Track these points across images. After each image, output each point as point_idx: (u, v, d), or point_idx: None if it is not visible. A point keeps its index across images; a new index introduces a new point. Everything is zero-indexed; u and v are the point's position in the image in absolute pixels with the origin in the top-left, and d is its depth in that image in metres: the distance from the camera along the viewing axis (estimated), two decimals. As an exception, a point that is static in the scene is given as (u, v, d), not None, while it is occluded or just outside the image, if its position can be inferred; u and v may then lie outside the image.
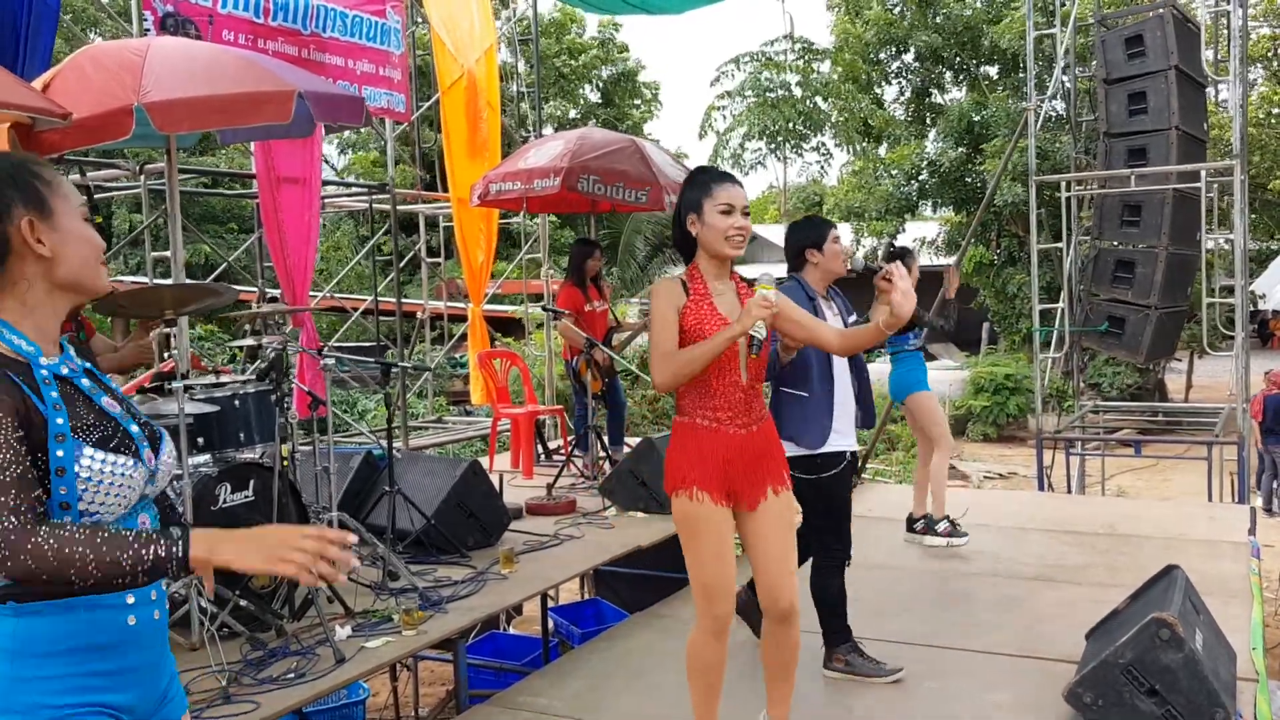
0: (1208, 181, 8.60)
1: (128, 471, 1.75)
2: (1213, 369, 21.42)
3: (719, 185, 3.16)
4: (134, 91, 4.47)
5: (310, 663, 3.77)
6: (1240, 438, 8.15)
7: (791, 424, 4.07)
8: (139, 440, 1.81)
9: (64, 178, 1.84)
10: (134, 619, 1.76)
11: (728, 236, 3.14)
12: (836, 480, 4.14)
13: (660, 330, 3.11)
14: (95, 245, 1.81)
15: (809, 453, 4.07)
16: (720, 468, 3.14)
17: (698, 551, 3.15)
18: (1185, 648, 3.52)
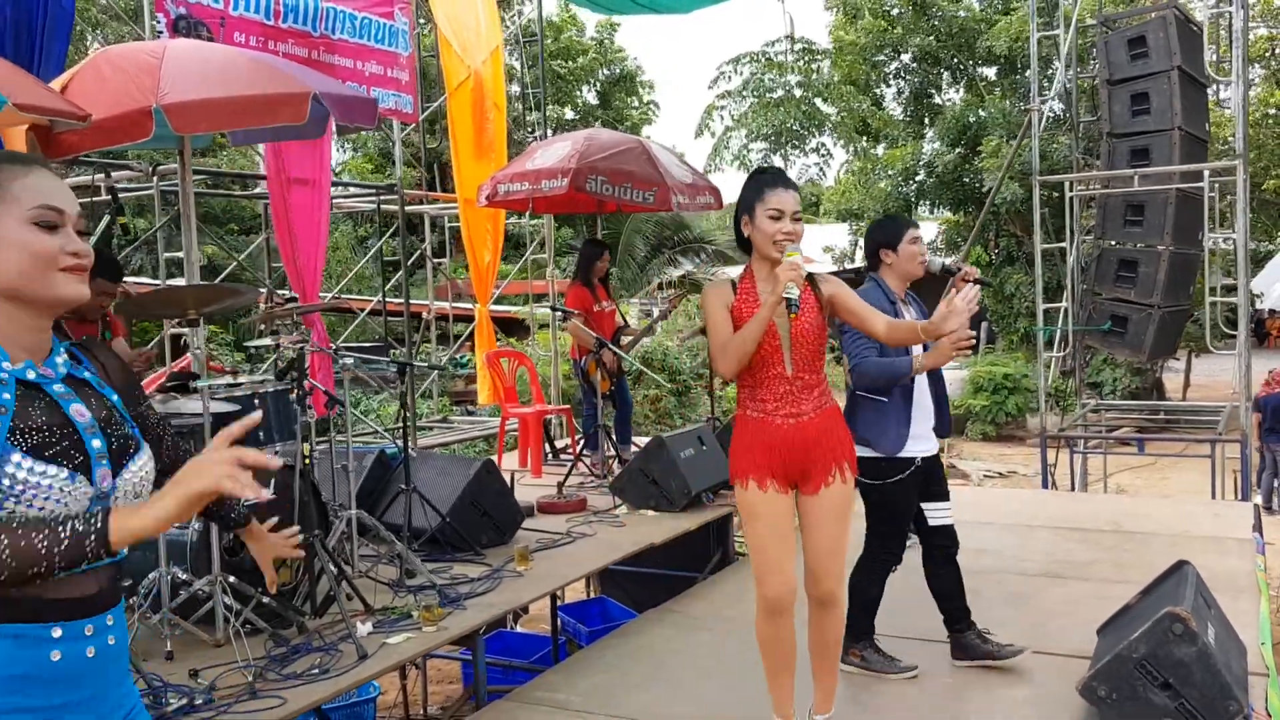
0: (1209, 181, 8.66)
1: (59, 484, 1.62)
2: (1209, 368, 21.52)
3: (771, 190, 3.28)
4: (152, 93, 4.52)
5: (333, 659, 3.81)
6: (1243, 435, 8.22)
7: (866, 427, 4.08)
8: (95, 457, 1.69)
9: (31, 174, 1.71)
10: (59, 654, 1.62)
11: (775, 241, 3.27)
12: (900, 486, 4.13)
13: (715, 328, 3.32)
14: (37, 254, 1.67)
15: (877, 455, 4.08)
16: (767, 456, 3.31)
17: (751, 536, 3.39)
18: (1198, 642, 3.57)
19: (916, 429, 4.13)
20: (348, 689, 3.70)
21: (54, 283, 1.69)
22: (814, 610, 3.49)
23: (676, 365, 14.67)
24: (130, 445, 1.78)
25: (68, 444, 1.67)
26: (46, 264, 1.68)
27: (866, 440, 4.08)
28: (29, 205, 1.68)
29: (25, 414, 1.64)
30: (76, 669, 1.65)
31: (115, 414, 1.80)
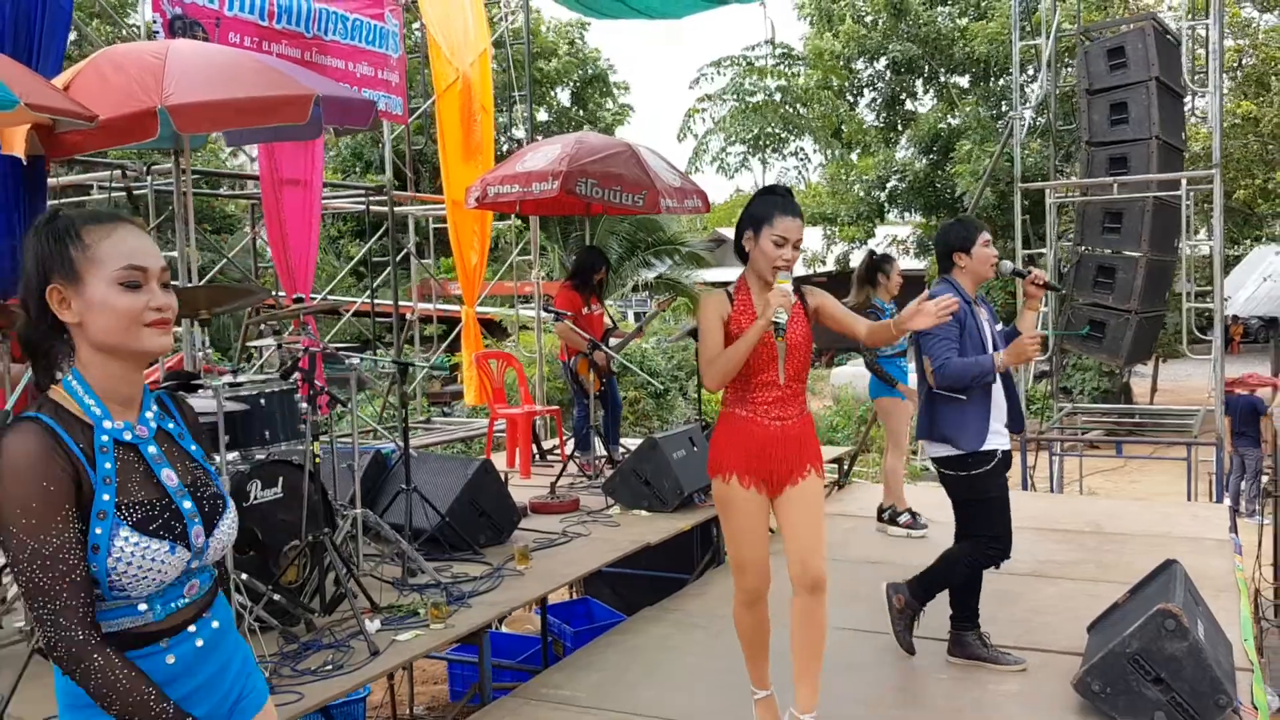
0: (1186, 189, 8.85)
1: (161, 557, 1.75)
2: (1174, 373, 21.86)
3: (781, 216, 3.37)
4: (157, 94, 4.54)
5: (345, 655, 3.86)
6: (1218, 438, 8.41)
7: (948, 426, 4.20)
8: (189, 519, 1.81)
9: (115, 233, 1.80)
10: (173, 658, 1.79)
11: (775, 266, 3.39)
12: (990, 476, 4.22)
13: (708, 339, 3.43)
14: (124, 312, 1.77)
15: (961, 453, 4.19)
16: (752, 455, 3.43)
17: (731, 530, 3.52)
18: (1189, 637, 3.68)
19: (995, 424, 4.25)
20: (362, 684, 3.75)
21: (140, 337, 1.79)
22: (803, 601, 3.47)
23: (653, 366, 14.76)
24: (219, 504, 1.90)
25: (168, 515, 1.79)
26: (132, 322, 1.77)
27: (948, 438, 4.20)
28: (114, 267, 1.77)
29: (126, 487, 1.76)
30: (192, 661, 1.82)
31: (202, 474, 1.91)
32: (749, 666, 3.68)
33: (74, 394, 1.77)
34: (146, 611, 1.77)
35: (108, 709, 1.69)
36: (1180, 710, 3.68)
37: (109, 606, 1.74)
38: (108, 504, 1.71)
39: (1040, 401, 14.79)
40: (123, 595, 1.73)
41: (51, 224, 1.79)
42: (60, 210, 1.87)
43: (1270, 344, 24.42)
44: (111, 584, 1.72)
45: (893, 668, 4.41)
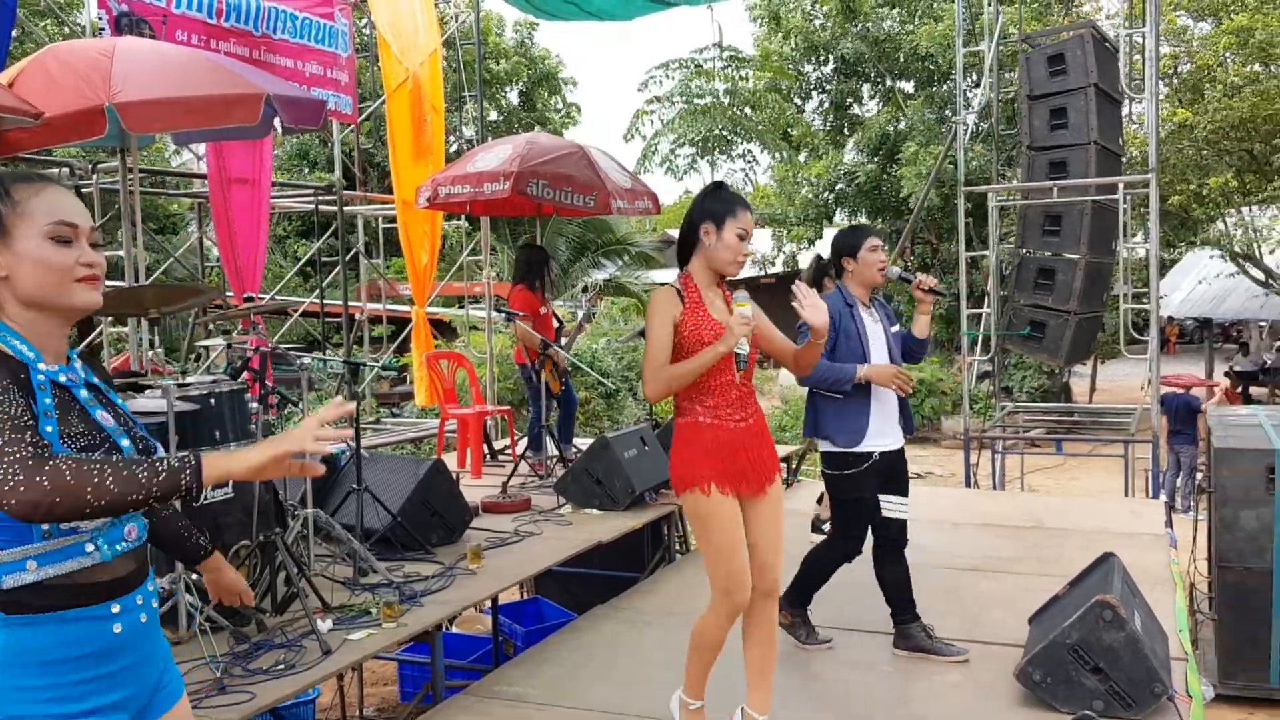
0: (1123, 193, 9.07)
1: None
2: (1113, 372, 22.33)
3: (742, 209, 3.37)
4: (105, 92, 4.51)
5: (297, 655, 3.86)
6: (1153, 436, 8.63)
7: (826, 422, 4.33)
8: (128, 454, 1.85)
9: (45, 191, 1.83)
10: (119, 627, 1.82)
11: (737, 259, 3.38)
12: (861, 476, 4.33)
13: (656, 343, 3.30)
14: (54, 266, 1.79)
15: (838, 450, 4.31)
16: (726, 461, 3.34)
17: (717, 544, 3.33)
18: (1127, 628, 3.81)
19: (877, 425, 4.34)
20: (314, 684, 3.75)
21: (71, 292, 1.83)
22: (761, 602, 3.51)
23: (603, 367, 14.81)
24: (150, 447, 1.95)
25: (108, 446, 1.82)
26: (63, 276, 1.81)
27: (826, 435, 4.32)
28: (45, 222, 1.80)
29: (65, 417, 1.78)
30: (133, 636, 1.87)
31: (129, 421, 1.95)
32: (696, 677, 3.56)
33: (4, 341, 1.78)
34: (94, 551, 1.78)
35: (97, 496, 1.62)
36: (1117, 698, 3.80)
37: (58, 545, 1.74)
38: (51, 435, 1.73)
39: (982, 401, 15.05)
40: (70, 530, 1.75)
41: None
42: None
43: (1204, 344, 25.05)
44: None
45: (839, 663, 4.49)
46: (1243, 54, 13.80)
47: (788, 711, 3.93)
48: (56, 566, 1.74)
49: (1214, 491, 6.67)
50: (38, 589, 1.73)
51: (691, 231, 3.41)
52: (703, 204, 3.41)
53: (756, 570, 3.47)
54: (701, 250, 3.39)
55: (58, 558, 1.74)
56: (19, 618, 1.72)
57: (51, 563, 1.74)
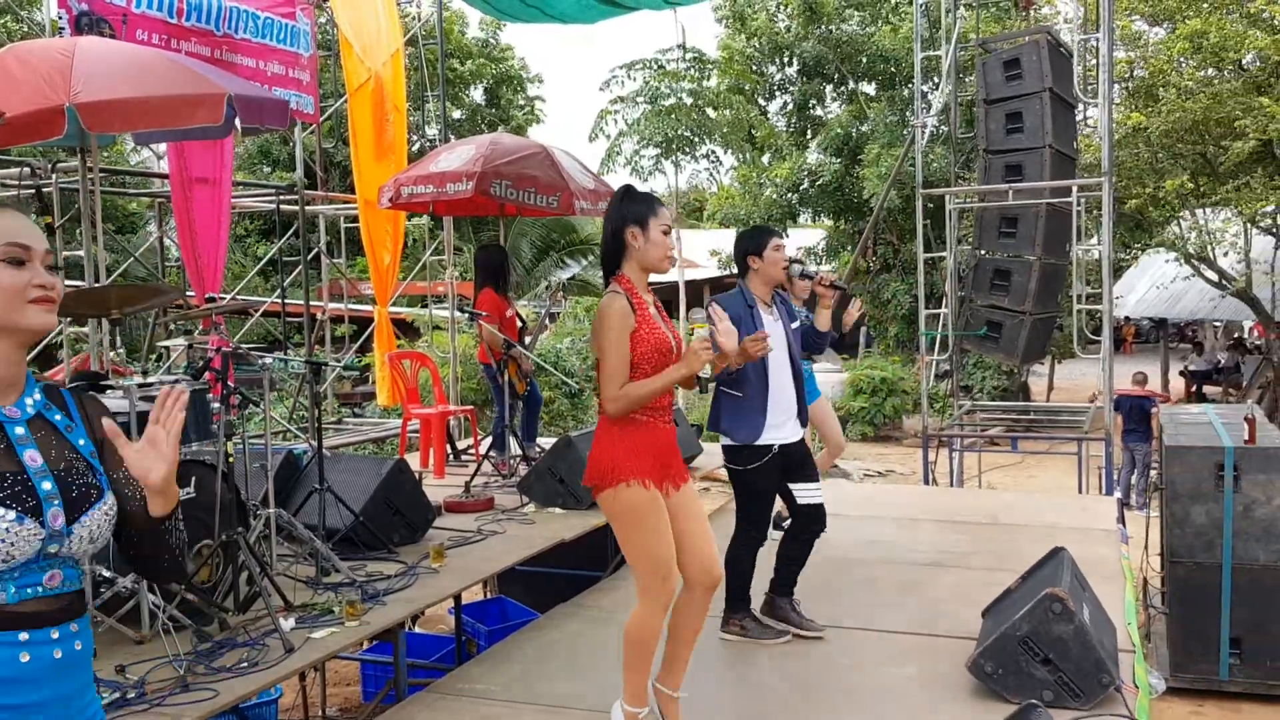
0: (1077, 196, 9.23)
1: (7, 525, 1.71)
2: (1069, 372, 22.65)
3: (661, 207, 3.48)
4: (65, 92, 4.49)
5: (260, 653, 3.88)
6: (1107, 434, 8.80)
7: (726, 419, 4.50)
8: (45, 499, 1.77)
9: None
10: (27, 656, 1.74)
11: (668, 255, 3.47)
12: (761, 470, 4.51)
13: (617, 360, 3.35)
14: (6, 288, 1.77)
15: (738, 444, 4.47)
16: (658, 458, 3.45)
17: (650, 536, 3.40)
18: (1075, 620, 3.91)
19: (774, 419, 4.51)
20: (279, 680, 3.78)
21: (25, 314, 1.80)
22: (700, 596, 3.58)
23: (567, 367, 14.85)
24: (92, 495, 1.85)
25: (20, 488, 1.75)
26: (13, 297, 1.78)
27: (726, 431, 4.52)
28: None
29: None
30: (44, 671, 1.77)
31: (82, 465, 1.87)
32: (637, 681, 3.56)
33: None
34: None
35: None
36: (1066, 689, 3.90)
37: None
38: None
39: (941, 400, 15.23)
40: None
41: None
42: None
43: (1160, 343, 25.46)
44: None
45: (793, 659, 4.56)
46: (1196, 58, 14.05)
47: (742, 704, 4.00)
48: None
49: (1165, 488, 6.81)
50: None
51: (616, 238, 3.45)
52: (622, 209, 3.46)
53: (702, 566, 3.56)
54: (631, 254, 3.45)
55: None
56: None
57: None
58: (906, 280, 18.87)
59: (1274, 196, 13.25)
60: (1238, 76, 14.13)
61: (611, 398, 3.35)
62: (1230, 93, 13.47)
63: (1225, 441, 6.72)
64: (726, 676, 4.38)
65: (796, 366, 4.65)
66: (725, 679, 4.34)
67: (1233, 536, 6.59)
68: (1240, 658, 6.65)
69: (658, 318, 3.50)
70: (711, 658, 4.51)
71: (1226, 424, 7.40)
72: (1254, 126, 12.59)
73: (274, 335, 16.14)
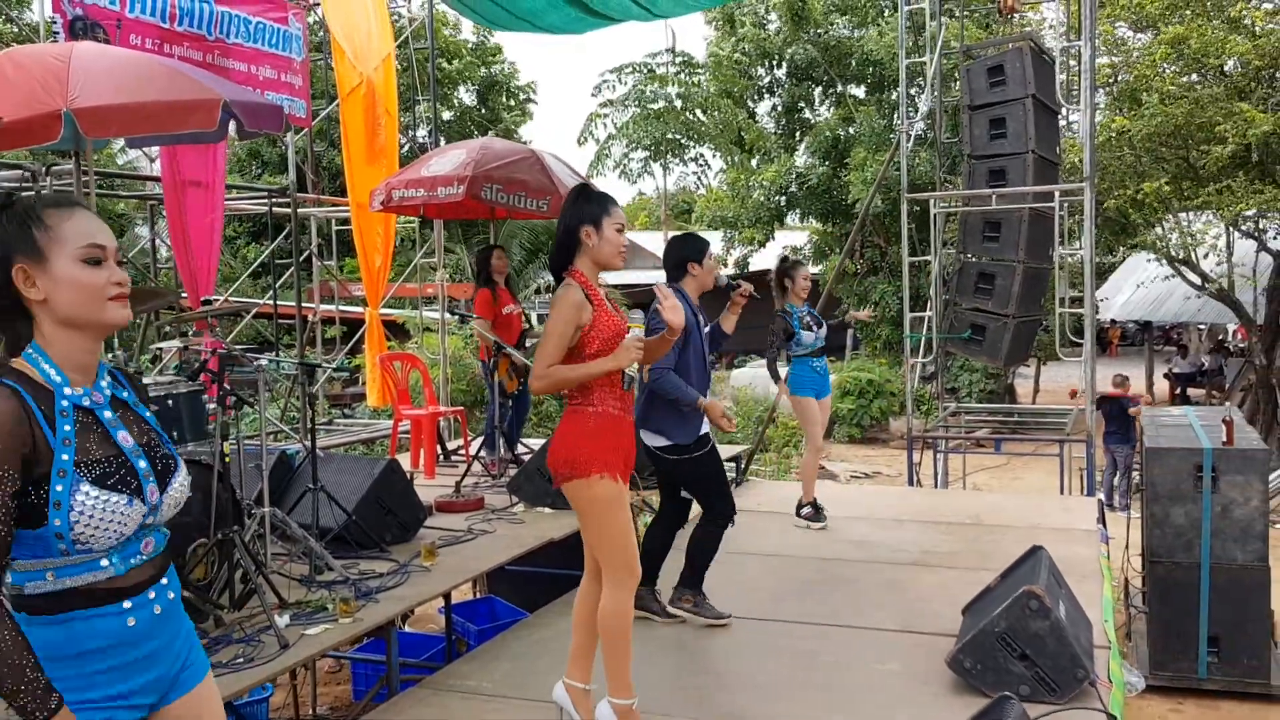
0: (1059, 201, 9.35)
1: (120, 509, 1.89)
2: (1056, 374, 22.81)
3: (615, 206, 3.61)
4: (62, 97, 4.53)
5: (256, 649, 3.95)
6: (1088, 436, 8.92)
7: (668, 422, 4.72)
8: (144, 476, 1.96)
9: (74, 216, 1.94)
10: (133, 620, 1.94)
11: (620, 251, 3.62)
12: (708, 454, 4.81)
13: (554, 341, 3.46)
14: (88, 287, 1.91)
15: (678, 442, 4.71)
16: (619, 451, 3.57)
17: (619, 526, 3.54)
18: (1051, 616, 4.01)
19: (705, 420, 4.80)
20: (274, 676, 3.85)
21: (105, 310, 1.95)
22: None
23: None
24: (170, 464, 2.06)
25: (124, 471, 1.94)
26: (96, 295, 1.93)
27: (662, 431, 4.72)
28: (77, 245, 1.92)
29: (84, 447, 1.90)
30: (150, 626, 1.97)
31: (155, 436, 2.06)
32: (620, 670, 3.64)
33: (34, 363, 1.91)
34: (108, 566, 1.91)
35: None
36: (1043, 684, 4.01)
37: (74, 561, 1.88)
38: (67, 463, 1.86)
39: (927, 402, 15.35)
40: (85, 549, 1.87)
41: (9, 209, 1.92)
42: (12, 195, 1.98)
43: (1145, 346, 25.65)
44: (75, 538, 1.85)
45: (780, 653, 4.65)
46: (1178, 64, 14.19)
47: (725, 700, 4.08)
48: (74, 578, 1.89)
49: (1145, 489, 6.93)
50: (56, 595, 1.88)
51: (570, 236, 3.58)
52: (578, 209, 3.59)
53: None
54: (585, 251, 3.57)
55: (74, 570, 1.88)
56: (40, 618, 1.88)
57: (69, 574, 1.88)
58: (894, 283, 18.98)
59: (1255, 200, 13.38)
60: (1219, 82, 14.28)
61: (538, 375, 3.48)
62: (1211, 98, 13.62)
63: (1204, 443, 6.84)
64: (710, 673, 4.47)
65: (705, 356, 4.92)
66: (709, 676, 4.43)
67: (1211, 536, 6.70)
68: (1218, 656, 6.77)
69: (613, 310, 3.61)
70: (695, 653, 4.60)
71: (1206, 426, 7.51)
72: (1233, 132, 12.74)
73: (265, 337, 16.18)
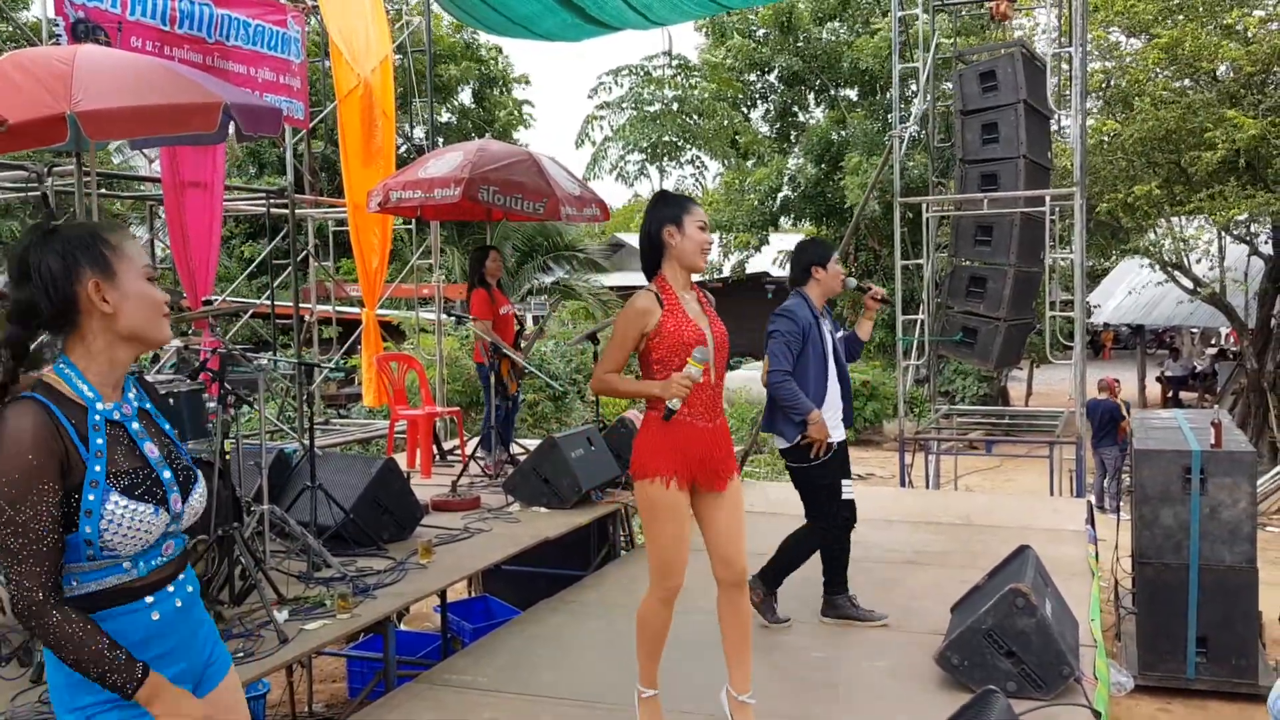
0: (1050, 205, 9.44)
1: (147, 519, 1.98)
2: (1049, 377, 22.93)
3: (694, 205, 3.63)
4: (66, 100, 4.60)
5: (255, 644, 4.02)
6: (1078, 438, 9.01)
7: (785, 422, 4.76)
8: (169, 486, 2.05)
9: (129, 239, 2.06)
10: (157, 614, 2.02)
11: (703, 249, 3.62)
12: (823, 466, 4.82)
13: (616, 347, 3.54)
14: (154, 302, 2.04)
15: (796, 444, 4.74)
16: (687, 457, 3.54)
17: (659, 532, 3.55)
18: (1037, 614, 4.08)
19: (829, 418, 4.80)
20: (273, 670, 3.91)
21: (160, 325, 2.07)
22: (731, 595, 3.72)
23: (552, 370, 15.00)
24: (191, 475, 2.14)
25: (150, 482, 2.02)
26: (158, 310, 2.05)
27: (782, 432, 4.77)
28: (141, 263, 2.04)
29: (114, 459, 1.99)
30: (172, 620, 2.06)
31: (173, 447, 2.15)
32: (644, 665, 3.71)
33: (66, 379, 1.99)
34: (131, 569, 2.00)
35: (64, 659, 1.90)
36: (1029, 680, 4.08)
37: (99, 566, 1.96)
38: (99, 474, 1.94)
39: (920, 404, 15.44)
40: (111, 555, 1.96)
41: (69, 231, 2.02)
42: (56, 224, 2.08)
43: (1138, 349, 25.77)
44: (104, 545, 1.94)
45: (772, 649, 4.72)
46: (1171, 69, 14.30)
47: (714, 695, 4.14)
48: (97, 582, 1.97)
49: (1135, 491, 7.00)
50: (80, 599, 1.96)
51: (653, 240, 3.61)
52: (658, 212, 3.62)
53: (720, 563, 3.68)
54: (670, 252, 3.58)
55: (98, 575, 1.97)
56: None
57: (93, 579, 1.96)
58: (889, 286, 19.08)
59: (1246, 204, 13.48)
60: (1211, 87, 14.38)
61: (596, 375, 3.58)
62: (1202, 103, 13.73)
63: (1193, 445, 6.92)
64: (700, 666, 4.53)
65: (844, 372, 4.94)
66: (699, 668, 4.49)
67: (1199, 538, 6.78)
68: (1206, 656, 6.85)
69: (699, 314, 3.59)
70: (686, 648, 4.67)
71: (1195, 429, 7.59)
72: (1223, 138, 12.84)
73: (261, 337, 16.23)
